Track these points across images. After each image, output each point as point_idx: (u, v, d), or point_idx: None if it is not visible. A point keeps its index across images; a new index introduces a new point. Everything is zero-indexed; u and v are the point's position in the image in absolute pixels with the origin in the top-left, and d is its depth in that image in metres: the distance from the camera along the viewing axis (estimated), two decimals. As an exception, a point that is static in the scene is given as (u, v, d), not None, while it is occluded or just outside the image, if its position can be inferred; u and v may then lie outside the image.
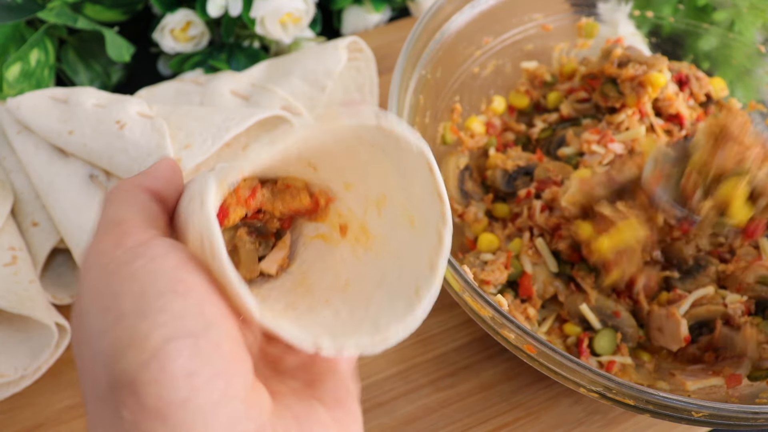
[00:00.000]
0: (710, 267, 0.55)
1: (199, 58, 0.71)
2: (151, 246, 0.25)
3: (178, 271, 0.24)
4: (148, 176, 0.29)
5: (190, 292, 0.24)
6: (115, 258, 0.25)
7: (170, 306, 0.23)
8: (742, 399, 0.47)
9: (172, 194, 0.29)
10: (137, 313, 0.23)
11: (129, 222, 0.26)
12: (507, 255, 0.54)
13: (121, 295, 0.24)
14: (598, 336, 0.52)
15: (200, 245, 0.25)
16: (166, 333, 0.22)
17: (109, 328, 0.23)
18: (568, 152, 0.59)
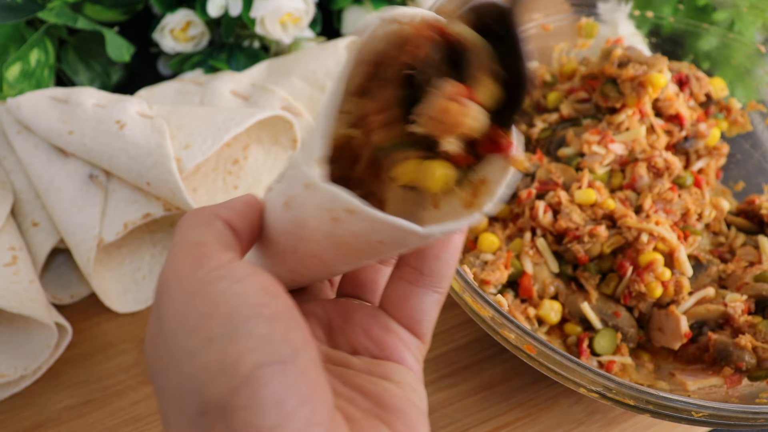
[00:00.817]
0: (711, 267, 0.55)
1: (199, 58, 0.71)
2: (233, 268, 0.25)
3: (262, 294, 0.24)
4: (223, 207, 0.29)
5: (275, 316, 0.24)
6: (198, 279, 0.25)
7: (258, 330, 0.23)
8: (742, 399, 0.47)
9: (245, 227, 0.29)
10: (226, 337, 0.23)
11: (208, 245, 0.26)
12: (507, 255, 0.54)
13: (208, 317, 0.23)
14: (599, 336, 0.52)
15: (332, 220, 0.25)
16: (256, 358, 0.22)
17: (198, 351, 0.23)
18: (569, 153, 0.59)
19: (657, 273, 0.51)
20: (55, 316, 0.51)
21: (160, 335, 0.25)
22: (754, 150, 0.64)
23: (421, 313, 0.31)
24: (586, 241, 0.52)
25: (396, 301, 0.31)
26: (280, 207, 0.28)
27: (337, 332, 0.31)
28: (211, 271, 0.25)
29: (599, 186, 0.55)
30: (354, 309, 0.32)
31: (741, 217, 0.60)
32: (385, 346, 0.30)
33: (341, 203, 0.25)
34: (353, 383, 0.29)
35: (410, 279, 0.31)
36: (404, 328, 0.31)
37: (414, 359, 0.31)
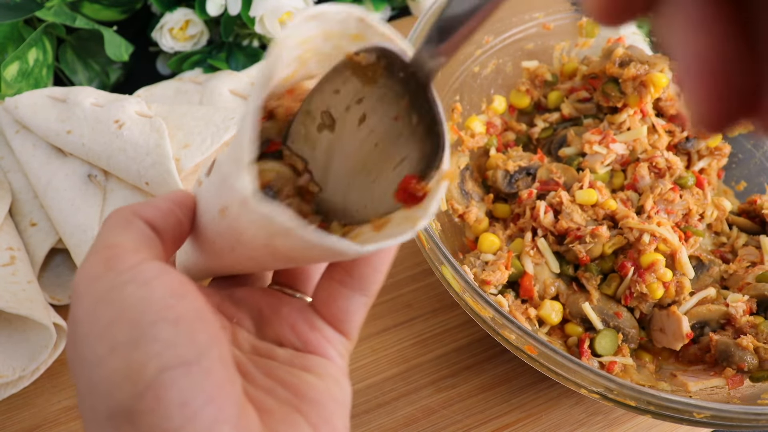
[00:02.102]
0: (713, 267, 0.55)
1: (198, 58, 0.71)
2: (142, 270, 0.26)
3: (168, 297, 0.25)
4: (145, 205, 0.29)
5: (180, 319, 0.24)
6: (106, 283, 0.25)
7: (162, 334, 0.24)
8: (744, 400, 0.47)
9: (170, 226, 0.29)
10: (131, 343, 0.24)
11: (121, 246, 0.27)
12: (508, 255, 0.53)
13: (114, 324, 0.24)
14: (600, 336, 0.52)
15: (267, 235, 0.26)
16: (159, 363, 0.23)
17: (104, 358, 0.24)
18: (570, 152, 0.59)
19: (658, 274, 0.50)
20: (54, 316, 0.51)
21: (73, 341, 0.26)
22: (755, 150, 0.64)
23: (346, 314, 0.32)
24: (588, 241, 0.52)
25: (325, 299, 0.32)
26: (216, 212, 0.28)
27: (266, 323, 0.32)
28: (119, 274, 0.25)
29: (600, 186, 0.55)
30: (283, 302, 0.33)
31: (743, 217, 0.60)
32: (309, 342, 0.31)
33: (277, 224, 0.25)
34: (275, 375, 0.30)
35: (339, 280, 0.31)
36: (330, 326, 0.32)
37: (338, 354, 0.32)
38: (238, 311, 0.33)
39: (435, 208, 0.28)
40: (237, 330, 0.32)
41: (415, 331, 0.57)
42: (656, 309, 0.52)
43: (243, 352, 0.31)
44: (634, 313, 0.53)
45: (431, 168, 0.29)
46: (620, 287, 0.53)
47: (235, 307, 0.33)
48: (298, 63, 0.30)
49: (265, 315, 0.33)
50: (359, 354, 0.55)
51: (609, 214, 0.54)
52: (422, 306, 0.58)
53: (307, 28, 0.28)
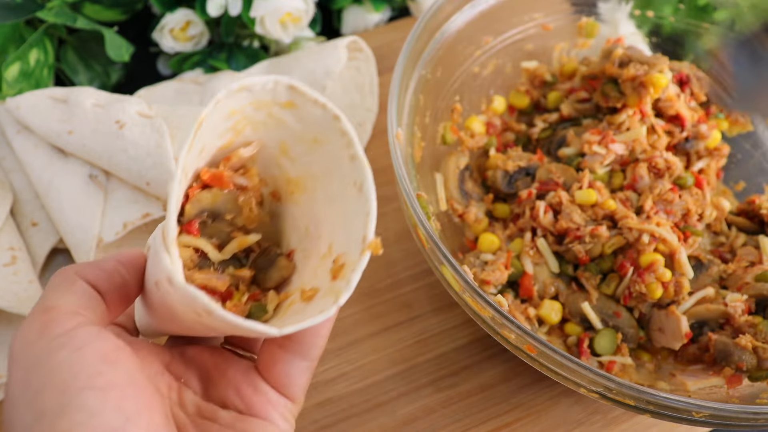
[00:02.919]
0: (712, 267, 0.55)
1: (199, 58, 0.71)
2: (75, 335, 0.26)
3: (99, 363, 0.25)
4: (89, 266, 0.29)
5: (109, 386, 0.25)
6: (39, 348, 0.25)
7: (89, 402, 0.24)
8: (743, 399, 0.47)
9: (114, 287, 0.30)
10: (56, 412, 0.24)
11: (58, 309, 0.27)
12: (507, 255, 0.53)
13: (42, 392, 0.24)
14: (599, 336, 0.52)
15: (195, 313, 0.26)
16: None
17: (31, 426, 0.24)
18: (569, 152, 0.59)
19: (658, 274, 0.50)
20: (55, 316, 0.51)
21: (6, 403, 0.26)
22: (754, 150, 0.64)
23: (288, 378, 0.32)
24: (587, 241, 0.52)
25: (267, 363, 0.32)
26: (153, 284, 0.29)
27: (212, 384, 0.33)
28: (53, 339, 0.25)
29: (600, 186, 0.55)
30: (230, 363, 0.33)
31: (741, 217, 0.60)
32: (252, 405, 0.32)
33: (199, 305, 0.25)
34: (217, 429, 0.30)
35: (281, 344, 0.31)
36: (274, 389, 0.32)
37: (280, 417, 0.32)
38: (187, 371, 0.33)
39: (356, 281, 0.29)
40: (183, 390, 0.32)
41: (415, 330, 0.57)
42: (655, 309, 0.53)
43: (187, 413, 0.31)
44: (633, 312, 0.53)
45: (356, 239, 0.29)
46: (619, 287, 0.53)
47: (184, 366, 0.33)
48: (232, 133, 0.30)
49: (212, 376, 0.33)
50: (359, 353, 0.56)
51: (608, 214, 0.54)
52: (422, 306, 0.59)
53: (235, 100, 0.29)
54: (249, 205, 0.32)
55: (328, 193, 0.31)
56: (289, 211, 0.34)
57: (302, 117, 0.30)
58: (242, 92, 0.28)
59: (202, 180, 0.31)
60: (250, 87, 0.28)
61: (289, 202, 0.33)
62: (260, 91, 0.29)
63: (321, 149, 0.31)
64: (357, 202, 0.30)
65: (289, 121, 0.30)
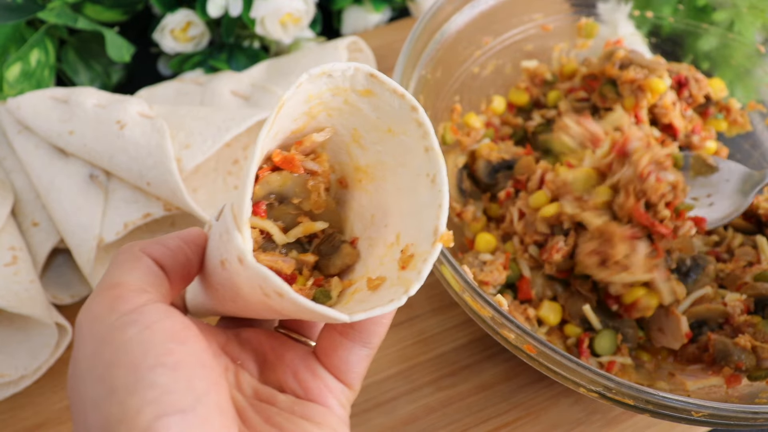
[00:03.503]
0: (709, 267, 0.55)
1: (200, 59, 0.72)
2: (144, 312, 0.26)
3: (168, 341, 0.25)
4: (154, 243, 0.29)
5: (179, 365, 0.25)
6: (108, 324, 0.25)
7: (160, 380, 0.24)
8: (742, 399, 0.47)
9: (177, 265, 0.30)
10: (128, 388, 0.24)
11: (125, 286, 0.27)
12: (505, 256, 0.54)
13: (113, 367, 0.24)
14: (599, 336, 0.52)
15: (263, 294, 0.26)
16: (155, 410, 0.23)
17: (101, 401, 0.24)
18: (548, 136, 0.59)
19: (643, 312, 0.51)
20: (56, 315, 0.51)
21: (74, 379, 0.26)
22: (753, 150, 0.64)
23: (347, 365, 0.32)
24: (551, 261, 0.52)
25: (327, 349, 0.32)
26: (218, 262, 0.29)
27: (269, 368, 0.32)
28: (122, 315, 0.25)
29: (548, 181, 0.53)
30: (288, 347, 0.33)
31: (739, 217, 0.60)
32: (310, 391, 0.31)
33: (271, 285, 0.25)
34: (274, 421, 0.30)
35: (341, 331, 0.31)
36: (332, 375, 0.32)
37: (338, 404, 0.32)
38: (243, 353, 0.33)
39: (427, 272, 0.28)
40: (240, 372, 0.32)
41: (415, 330, 0.57)
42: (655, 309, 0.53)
43: (244, 395, 0.31)
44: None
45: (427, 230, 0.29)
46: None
47: (240, 348, 0.33)
48: (307, 117, 0.30)
49: (269, 359, 0.33)
50: (359, 353, 0.56)
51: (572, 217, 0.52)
52: (422, 306, 0.59)
53: (315, 85, 0.28)
54: (317, 191, 0.31)
55: (399, 183, 0.31)
56: (356, 198, 0.33)
57: (379, 106, 0.30)
58: (323, 77, 0.28)
59: (273, 162, 0.31)
60: (330, 72, 0.28)
61: (356, 189, 0.33)
62: (340, 77, 0.29)
63: (394, 139, 0.31)
64: (429, 193, 0.30)
65: (365, 109, 0.30)
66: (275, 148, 0.30)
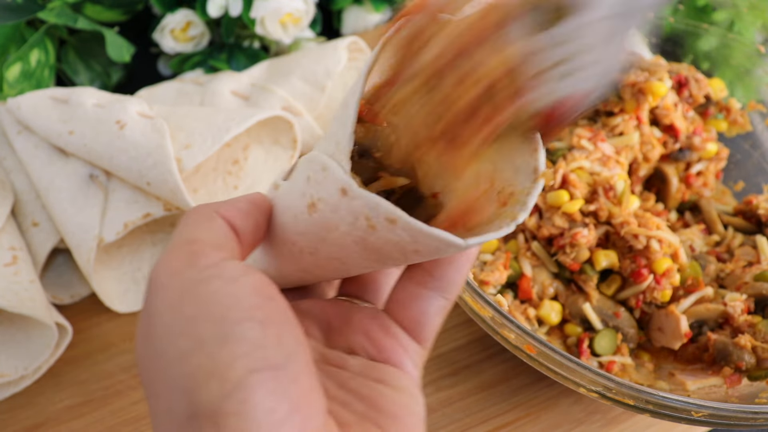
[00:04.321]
0: (709, 266, 0.55)
1: (200, 59, 0.72)
2: (226, 267, 0.24)
3: (255, 296, 0.24)
4: (226, 204, 0.28)
5: (268, 320, 0.23)
6: (189, 277, 0.24)
7: (250, 334, 0.23)
8: (742, 399, 0.48)
9: (248, 227, 0.28)
10: (218, 340, 0.22)
11: (202, 242, 0.26)
12: (506, 256, 0.53)
13: (199, 319, 0.23)
14: (599, 336, 0.52)
15: (368, 227, 0.25)
16: (248, 363, 0.22)
17: (188, 354, 0.23)
18: (559, 146, 0.59)
19: (672, 280, 0.51)
20: (56, 316, 0.51)
21: (150, 334, 0.24)
22: (753, 150, 0.64)
23: (425, 317, 0.30)
24: (567, 252, 0.52)
25: (402, 301, 0.30)
26: (302, 208, 0.27)
27: (336, 333, 0.31)
28: (203, 270, 0.24)
29: (574, 180, 0.53)
30: (354, 311, 0.31)
31: (739, 217, 0.60)
32: (384, 349, 0.30)
33: (383, 212, 0.24)
34: (348, 386, 0.28)
35: (420, 281, 0.30)
36: (405, 332, 0.30)
37: (413, 364, 0.30)
38: (305, 320, 0.31)
39: (533, 202, 0.27)
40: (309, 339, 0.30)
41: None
42: (655, 308, 0.53)
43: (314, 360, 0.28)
44: (633, 312, 0.53)
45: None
46: (625, 291, 0.53)
47: (301, 316, 0.31)
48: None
49: (334, 324, 0.31)
50: (359, 353, 0.56)
51: (592, 211, 0.53)
52: (422, 306, 0.59)
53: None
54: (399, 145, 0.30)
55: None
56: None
57: None
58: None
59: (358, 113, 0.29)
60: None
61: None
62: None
63: None
64: (521, 142, 0.28)
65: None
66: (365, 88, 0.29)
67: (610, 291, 0.53)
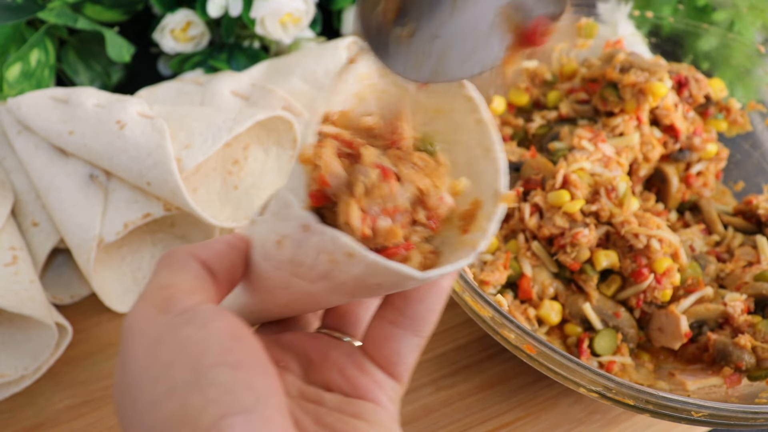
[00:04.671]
0: (710, 266, 0.55)
1: (200, 59, 0.72)
2: (199, 312, 0.25)
3: (227, 340, 0.24)
4: (201, 246, 0.29)
5: (240, 364, 0.24)
6: (162, 324, 0.25)
7: (221, 379, 0.23)
8: (742, 399, 0.48)
9: (225, 268, 0.29)
10: (189, 386, 0.23)
11: (176, 287, 0.26)
12: (506, 256, 0.53)
13: (171, 365, 0.24)
14: (599, 336, 0.52)
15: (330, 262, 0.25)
16: (218, 409, 0.22)
17: (161, 401, 0.23)
18: (559, 146, 0.59)
19: (672, 279, 0.51)
20: (56, 315, 0.51)
21: (125, 382, 0.25)
22: (753, 150, 0.64)
23: (398, 356, 0.31)
24: (568, 251, 0.52)
25: (376, 340, 0.31)
26: (272, 245, 0.28)
27: (314, 368, 0.32)
28: (176, 315, 0.25)
29: (575, 181, 0.53)
30: (332, 347, 0.32)
31: (738, 217, 0.60)
32: (359, 386, 0.31)
33: (341, 247, 0.25)
34: (324, 422, 0.29)
35: (392, 320, 0.30)
36: (380, 369, 0.31)
37: (388, 399, 0.31)
38: (285, 355, 0.32)
39: (493, 230, 0.28)
40: (284, 374, 0.31)
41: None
42: (655, 308, 0.53)
43: (291, 397, 0.30)
44: (633, 312, 0.53)
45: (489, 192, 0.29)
46: (625, 291, 0.53)
47: (281, 351, 0.32)
48: (356, 99, 0.30)
49: (313, 359, 0.32)
50: (359, 353, 0.56)
51: (593, 211, 0.53)
52: (422, 306, 0.59)
53: (365, 63, 0.28)
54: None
55: (453, 160, 0.31)
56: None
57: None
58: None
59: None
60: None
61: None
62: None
63: (443, 117, 0.31)
64: (485, 162, 0.30)
65: (412, 90, 0.30)
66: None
67: (610, 291, 0.53)
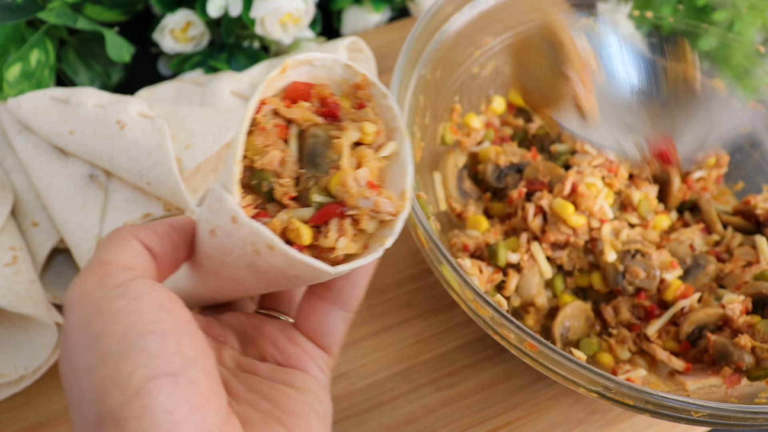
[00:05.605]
0: (709, 266, 0.55)
1: (199, 59, 0.72)
2: (132, 286, 0.27)
3: (157, 311, 0.26)
4: (143, 227, 0.31)
5: (168, 332, 0.26)
6: (97, 297, 0.27)
7: (150, 346, 0.25)
8: (742, 399, 0.48)
9: (165, 248, 0.31)
10: (120, 354, 0.25)
11: (113, 263, 0.28)
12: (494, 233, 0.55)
13: (104, 335, 0.25)
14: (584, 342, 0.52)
15: (253, 252, 0.28)
16: (147, 372, 0.24)
17: (94, 367, 0.25)
18: (561, 149, 0.59)
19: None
20: (56, 315, 0.51)
21: (66, 350, 0.27)
22: (753, 150, 0.64)
23: (326, 327, 0.34)
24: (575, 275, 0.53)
25: (306, 314, 0.34)
26: (206, 233, 0.30)
27: (249, 342, 0.35)
28: (111, 289, 0.27)
29: (583, 192, 0.54)
30: (267, 323, 0.35)
31: (738, 217, 0.60)
32: (290, 356, 0.34)
33: (263, 239, 0.27)
34: (257, 389, 0.31)
35: (321, 294, 0.34)
36: (311, 341, 0.34)
37: (318, 369, 0.34)
38: (224, 331, 0.35)
39: (399, 227, 0.31)
40: (222, 348, 0.34)
41: (415, 330, 0.57)
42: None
43: (227, 368, 0.32)
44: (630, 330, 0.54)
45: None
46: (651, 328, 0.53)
47: (221, 328, 0.35)
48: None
49: (249, 334, 0.35)
50: (359, 353, 0.56)
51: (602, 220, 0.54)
52: (422, 305, 0.59)
53: (297, 72, 0.31)
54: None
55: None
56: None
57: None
58: (305, 65, 0.31)
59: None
60: (312, 61, 0.31)
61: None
62: (320, 66, 0.31)
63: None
64: (395, 166, 0.32)
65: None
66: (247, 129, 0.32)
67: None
